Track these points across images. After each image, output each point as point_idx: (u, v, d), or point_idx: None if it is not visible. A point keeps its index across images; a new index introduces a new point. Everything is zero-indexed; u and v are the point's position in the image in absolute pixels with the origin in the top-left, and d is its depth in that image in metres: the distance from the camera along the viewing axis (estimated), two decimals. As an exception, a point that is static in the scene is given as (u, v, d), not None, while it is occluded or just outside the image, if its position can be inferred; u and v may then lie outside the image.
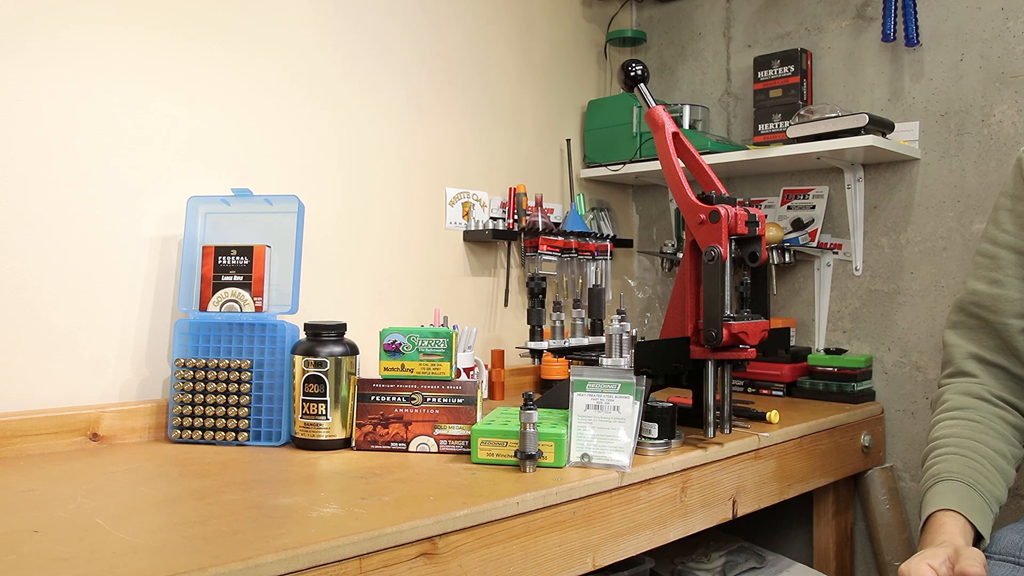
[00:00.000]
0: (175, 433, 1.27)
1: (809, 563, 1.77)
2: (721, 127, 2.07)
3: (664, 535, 1.15)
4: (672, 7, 2.18)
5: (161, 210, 1.36)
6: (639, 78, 1.38)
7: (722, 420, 1.26)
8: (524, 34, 1.98)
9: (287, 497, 0.94)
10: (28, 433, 1.17)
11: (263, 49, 1.49)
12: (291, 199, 1.36)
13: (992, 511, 1.02)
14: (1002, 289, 1.12)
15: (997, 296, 1.12)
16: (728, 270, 1.18)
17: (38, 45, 1.23)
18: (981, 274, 1.16)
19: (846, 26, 1.83)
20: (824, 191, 1.84)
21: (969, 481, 1.03)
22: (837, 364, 1.71)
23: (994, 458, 1.06)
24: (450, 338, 1.22)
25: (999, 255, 1.14)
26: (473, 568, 0.89)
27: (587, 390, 1.14)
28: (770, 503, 1.37)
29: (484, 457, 1.11)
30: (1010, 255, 1.13)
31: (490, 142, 1.89)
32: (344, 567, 0.78)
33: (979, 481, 1.03)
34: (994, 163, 1.61)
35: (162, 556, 0.73)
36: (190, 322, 1.32)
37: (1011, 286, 1.12)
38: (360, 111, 1.63)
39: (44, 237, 1.24)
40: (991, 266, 1.14)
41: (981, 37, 1.62)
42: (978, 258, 1.17)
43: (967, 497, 1.01)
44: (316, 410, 1.22)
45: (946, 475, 1.04)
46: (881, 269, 1.77)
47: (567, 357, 1.68)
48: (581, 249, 1.90)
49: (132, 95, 1.33)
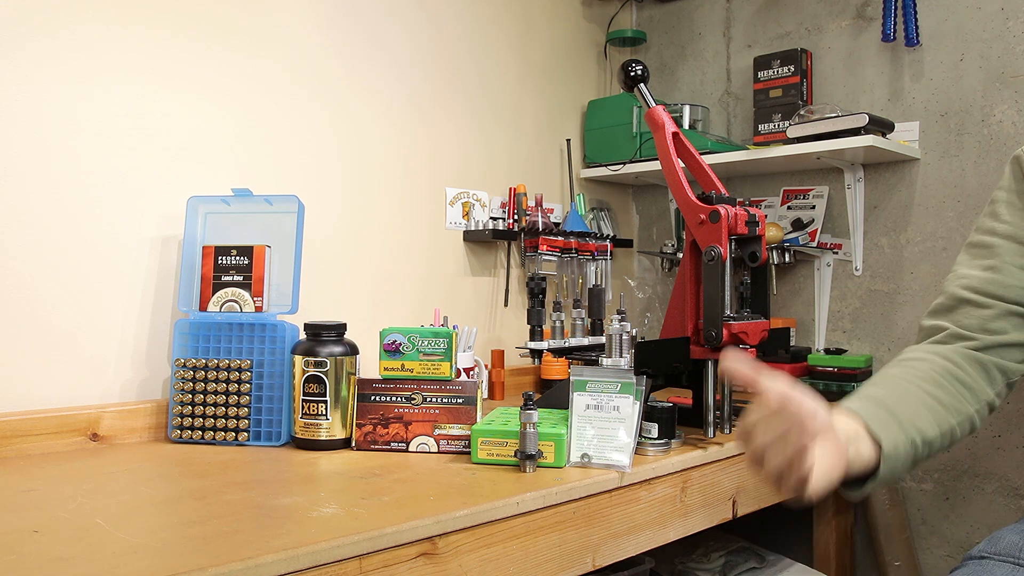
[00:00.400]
0: (175, 433, 1.27)
1: (809, 563, 1.77)
2: (721, 127, 2.07)
3: (664, 535, 1.15)
4: (672, 7, 2.18)
5: (161, 210, 1.36)
6: (639, 78, 1.38)
7: (722, 420, 1.26)
8: (524, 34, 1.98)
9: (287, 497, 0.94)
10: (28, 433, 1.17)
11: (263, 49, 1.49)
12: (291, 199, 1.36)
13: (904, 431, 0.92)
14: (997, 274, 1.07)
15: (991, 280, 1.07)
16: (728, 270, 1.18)
17: (38, 45, 1.23)
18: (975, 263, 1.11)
19: (846, 26, 1.83)
20: (824, 191, 1.85)
21: (880, 400, 0.94)
22: (837, 364, 1.71)
23: (923, 398, 0.96)
24: (450, 338, 1.22)
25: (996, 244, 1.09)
26: (473, 568, 0.89)
27: (587, 390, 1.14)
28: (770, 503, 1.37)
29: (484, 457, 1.11)
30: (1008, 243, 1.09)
31: (490, 142, 1.89)
32: (344, 567, 0.78)
33: (895, 405, 0.94)
34: (994, 163, 1.61)
35: (162, 556, 0.73)
36: (190, 322, 1.32)
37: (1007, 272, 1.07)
38: (360, 111, 1.63)
39: (44, 237, 1.24)
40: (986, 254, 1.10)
41: (981, 37, 1.62)
42: (971, 248, 1.13)
43: (871, 408, 0.92)
44: (316, 410, 1.22)
45: (856, 395, 0.96)
46: (881, 269, 1.77)
47: (567, 357, 1.68)
48: (581, 249, 1.90)
49: (132, 95, 1.33)
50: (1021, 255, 1.08)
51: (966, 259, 1.13)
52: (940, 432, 0.96)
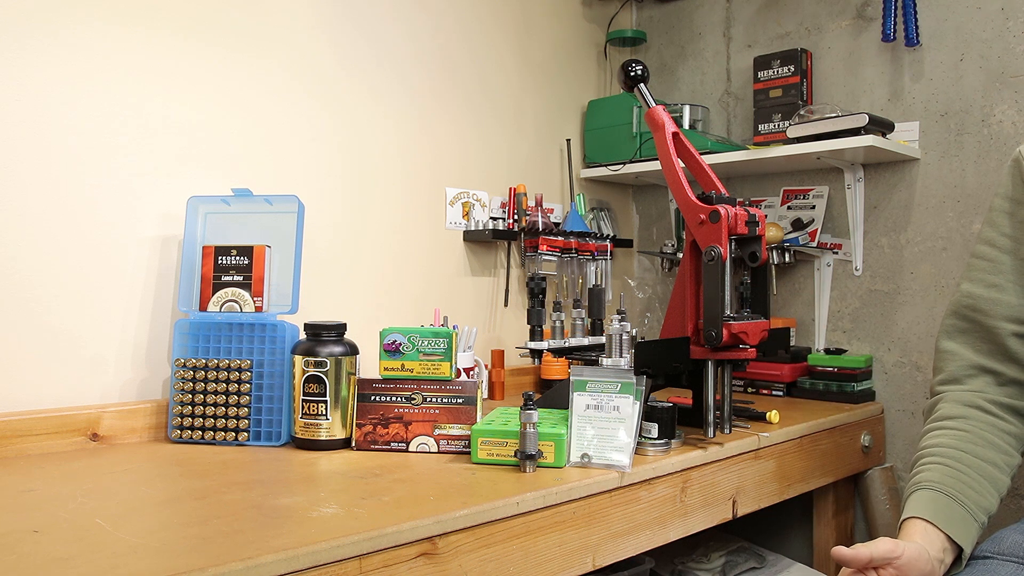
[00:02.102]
0: (175, 433, 1.27)
1: (809, 563, 1.77)
2: (721, 127, 2.07)
3: (664, 535, 1.15)
4: (672, 7, 2.18)
5: (161, 210, 1.36)
6: (639, 78, 1.38)
7: (722, 420, 1.26)
8: (524, 34, 1.98)
9: (287, 497, 0.94)
10: (28, 433, 1.17)
11: (263, 49, 1.49)
12: (291, 199, 1.36)
13: (976, 520, 1.01)
14: (1001, 293, 1.10)
15: (996, 300, 1.10)
16: (728, 270, 1.18)
17: (39, 45, 1.23)
18: (977, 277, 1.13)
19: (846, 26, 1.83)
20: (824, 191, 1.85)
21: (950, 491, 1.01)
22: (837, 364, 1.71)
23: (982, 467, 1.04)
24: (450, 338, 1.22)
25: (998, 258, 1.11)
26: (473, 568, 0.89)
27: (587, 390, 1.14)
28: (770, 503, 1.37)
29: (484, 457, 1.11)
30: (1009, 259, 1.11)
31: (490, 142, 1.89)
32: (344, 567, 0.78)
33: (961, 491, 1.01)
34: (994, 163, 1.61)
35: (162, 556, 0.73)
36: (190, 322, 1.32)
37: (1010, 291, 1.10)
38: (360, 111, 1.63)
39: (44, 237, 1.24)
40: (989, 269, 1.12)
41: (981, 37, 1.62)
42: (974, 260, 1.15)
43: (945, 508, 1.00)
44: (316, 410, 1.22)
45: (926, 484, 1.03)
46: (881, 269, 1.77)
47: (567, 357, 1.68)
48: (581, 249, 1.90)
49: (132, 95, 1.33)
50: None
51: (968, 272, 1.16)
52: (999, 497, 1.05)
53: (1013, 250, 1.11)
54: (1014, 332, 1.09)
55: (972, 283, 1.14)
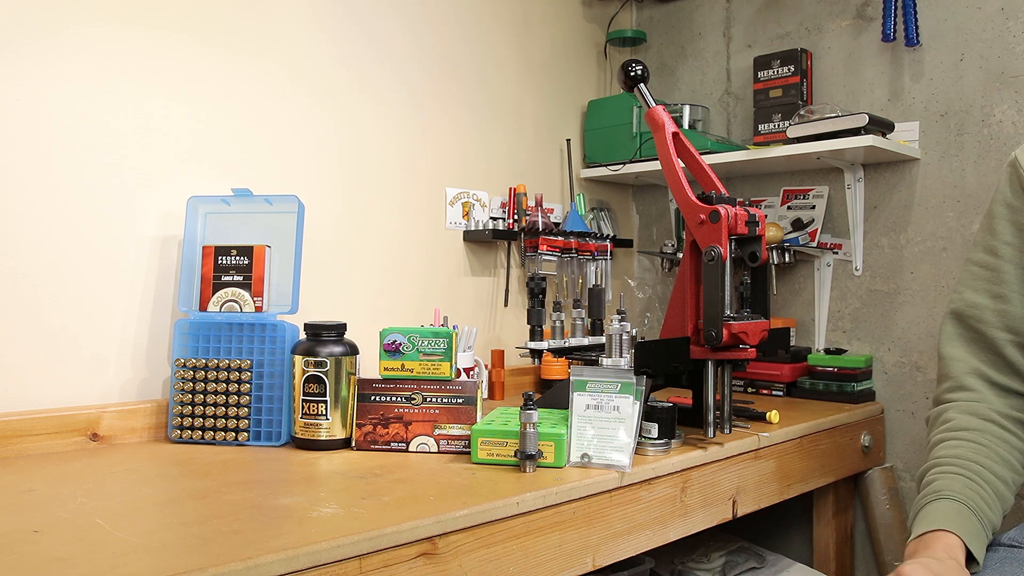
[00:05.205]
0: (175, 433, 1.27)
1: (809, 563, 1.77)
2: (721, 127, 2.07)
3: (664, 535, 1.15)
4: (672, 7, 2.18)
5: (161, 210, 1.36)
6: (639, 78, 1.38)
7: (722, 420, 1.26)
8: (524, 34, 1.98)
9: (287, 497, 0.94)
10: (28, 433, 1.17)
11: (263, 49, 1.49)
12: (291, 199, 1.36)
13: (987, 538, 1.01)
14: (1007, 305, 1.09)
15: (1002, 312, 1.09)
16: (728, 270, 1.18)
17: (39, 45, 1.23)
18: (981, 286, 1.12)
19: (846, 26, 1.83)
20: (824, 191, 1.85)
21: (971, 505, 1.00)
22: (837, 364, 1.71)
23: (995, 484, 1.03)
24: (450, 338, 1.22)
25: (1002, 268, 1.10)
26: (473, 568, 0.89)
27: (587, 390, 1.14)
28: (770, 503, 1.37)
29: (484, 457, 1.11)
30: (1012, 268, 1.09)
31: (490, 142, 1.89)
32: (344, 567, 0.78)
33: (980, 507, 1.00)
34: (994, 163, 1.61)
35: (162, 556, 0.73)
36: (190, 322, 1.32)
37: (1015, 302, 1.08)
38: (360, 111, 1.63)
39: (44, 237, 1.24)
40: (993, 279, 1.10)
41: (981, 37, 1.62)
42: (975, 268, 1.13)
43: (968, 522, 0.99)
44: (316, 410, 1.22)
45: (949, 493, 1.02)
46: (881, 269, 1.77)
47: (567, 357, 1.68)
48: (581, 249, 1.90)
49: (132, 95, 1.33)
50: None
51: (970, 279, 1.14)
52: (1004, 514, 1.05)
53: (1015, 259, 1.09)
54: (1019, 343, 1.08)
55: (975, 293, 1.12)
